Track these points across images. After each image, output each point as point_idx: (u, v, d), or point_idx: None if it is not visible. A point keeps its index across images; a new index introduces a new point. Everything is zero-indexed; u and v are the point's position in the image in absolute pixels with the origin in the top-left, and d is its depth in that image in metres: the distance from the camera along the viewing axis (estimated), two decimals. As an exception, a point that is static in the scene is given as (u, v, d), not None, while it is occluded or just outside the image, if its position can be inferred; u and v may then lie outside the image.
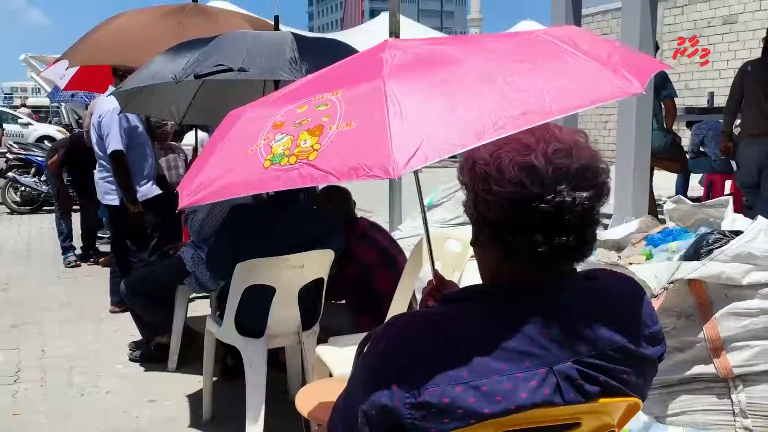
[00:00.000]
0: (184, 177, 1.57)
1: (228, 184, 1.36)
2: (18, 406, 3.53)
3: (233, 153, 1.42)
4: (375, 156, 1.19)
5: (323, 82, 1.49)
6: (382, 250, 3.60)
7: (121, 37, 4.05)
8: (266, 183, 1.29)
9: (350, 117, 1.28)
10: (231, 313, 3.01)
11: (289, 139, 1.31)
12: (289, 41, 2.97)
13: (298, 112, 1.37)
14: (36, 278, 6.19)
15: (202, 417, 3.38)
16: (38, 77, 22.36)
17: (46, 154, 6.77)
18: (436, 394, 1.21)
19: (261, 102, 1.60)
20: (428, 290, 1.72)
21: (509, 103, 1.22)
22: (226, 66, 2.74)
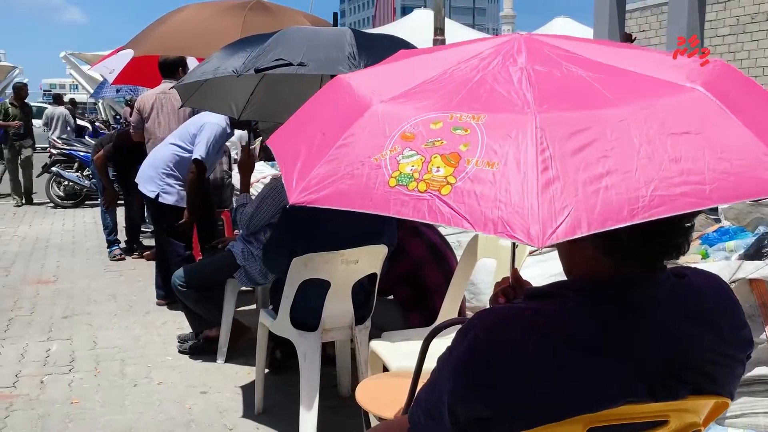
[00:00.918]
0: (290, 159, 1.43)
1: (346, 192, 1.24)
2: (75, 395, 3.61)
3: (357, 154, 1.28)
4: (519, 214, 1.06)
5: (461, 89, 1.33)
6: (432, 245, 3.60)
7: (186, 29, 4.11)
8: (390, 205, 1.16)
9: (493, 155, 1.14)
10: (286, 306, 3.04)
11: (420, 160, 1.17)
12: (348, 37, 2.99)
13: (431, 128, 1.23)
14: (83, 271, 6.32)
15: (253, 409, 3.42)
16: (76, 74, 22.83)
17: (92, 149, 6.89)
18: (524, 388, 1.21)
19: (392, 85, 1.43)
20: (501, 288, 1.72)
21: (667, 177, 1.08)
22: (286, 61, 2.76)
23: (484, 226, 1.08)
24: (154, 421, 3.33)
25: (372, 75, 1.57)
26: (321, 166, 1.28)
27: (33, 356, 4.17)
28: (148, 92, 5.44)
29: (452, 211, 1.10)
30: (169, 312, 5.06)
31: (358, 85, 1.46)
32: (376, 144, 1.25)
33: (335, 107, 1.46)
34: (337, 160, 1.28)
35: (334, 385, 3.63)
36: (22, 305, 5.21)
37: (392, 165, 1.19)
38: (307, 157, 1.35)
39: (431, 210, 1.11)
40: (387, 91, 1.38)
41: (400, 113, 1.30)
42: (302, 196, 1.27)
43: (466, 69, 1.38)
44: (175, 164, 4.68)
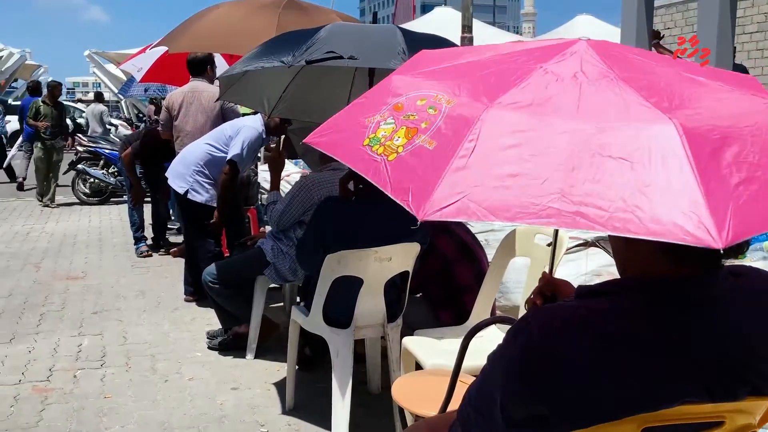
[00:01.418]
0: None
1: (336, 143, 1.42)
2: (107, 389, 3.65)
3: (358, 113, 1.44)
4: (421, 189, 1.17)
5: (463, 75, 1.43)
6: (462, 243, 3.59)
7: (221, 27, 4.14)
8: (354, 160, 1.33)
9: (437, 136, 1.26)
10: (319, 303, 3.05)
11: (392, 128, 1.32)
12: (398, 33, 3.00)
13: (417, 104, 1.35)
14: (110, 267, 6.39)
15: (284, 405, 3.44)
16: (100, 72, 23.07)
17: (120, 146, 6.96)
18: (581, 387, 1.20)
19: (429, 60, 1.58)
20: (539, 288, 1.71)
21: (573, 194, 1.10)
22: (337, 53, 2.77)
23: (396, 191, 1.22)
24: (187, 416, 3.35)
25: (443, 55, 1.68)
26: (334, 117, 1.49)
27: (65, 351, 4.22)
28: (176, 90, 5.48)
29: (387, 175, 1.24)
30: (198, 308, 5.10)
31: (419, 60, 1.63)
32: (375, 107, 1.41)
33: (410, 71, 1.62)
34: (345, 115, 1.48)
35: (364, 382, 3.63)
36: (53, 300, 5.28)
37: (374, 128, 1.35)
38: (343, 111, 1.56)
39: (376, 171, 1.26)
40: (421, 67, 1.55)
41: (410, 86, 1.44)
42: (311, 137, 1.48)
43: (498, 60, 1.48)
44: (207, 163, 4.71)
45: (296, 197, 3.85)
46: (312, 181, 3.84)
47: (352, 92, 4.24)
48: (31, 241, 7.58)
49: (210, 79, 5.42)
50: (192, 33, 4.23)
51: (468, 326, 3.09)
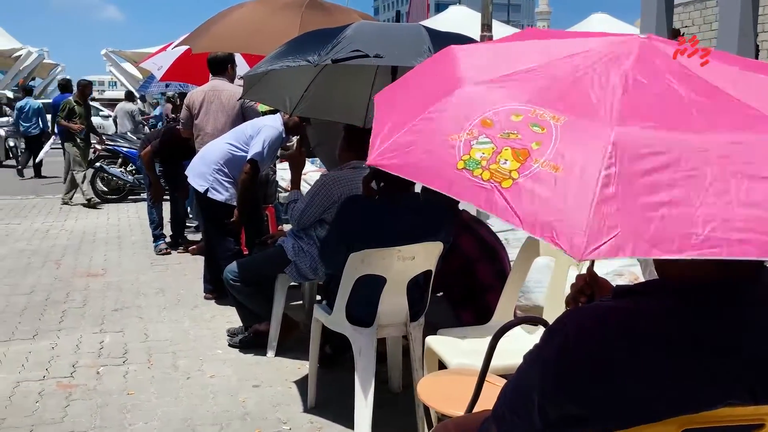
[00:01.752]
0: (382, 120, 1.44)
1: (420, 167, 1.27)
2: (130, 386, 3.68)
3: (437, 130, 1.29)
4: (567, 224, 1.06)
5: (554, 85, 1.32)
6: (484, 242, 3.59)
7: (244, 27, 4.16)
8: (451, 186, 1.19)
9: (560, 160, 1.14)
10: (342, 302, 3.05)
11: (491, 148, 1.19)
12: (423, 32, 3.00)
13: (511, 119, 1.23)
14: (130, 265, 6.43)
15: (306, 403, 3.45)
16: (116, 71, 23.21)
17: (140, 145, 7.00)
18: (620, 388, 1.20)
19: (492, 67, 1.43)
20: (578, 287, 1.69)
21: (731, 219, 1.04)
22: (363, 52, 2.78)
23: (531, 226, 1.09)
24: (210, 413, 3.37)
25: (481, 53, 1.60)
26: (402, 135, 1.33)
27: (88, 347, 4.25)
28: (197, 89, 5.51)
29: (507, 205, 1.12)
30: (217, 306, 5.13)
31: (462, 61, 1.50)
32: (456, 124, 1.28)
33: (434, 78, 1.50)
34: (417, 132, 1.32)
35: (385, 381, 3.63)
36: (75, 297, 5.32)
37: (465, 148, 1.22)
38: (395, 122, 1.39)
39: (488, 200, 1.14)
40: (485, 72, 1.41)
41: (487, 98, 1.32)
42: (378, 158, 1.32)
43: (568, 65, 1.37)
44: (227, 162, 4.73)
45: (317, 195, 3.86)
46: (332, 180, 3.85)
47: (374, 91, 4.24)
48: (51, 238, 7.64)
49: (230, 78, 5.45)
50: (215, 33, 4.25)
51: (491, 326, 3.09)
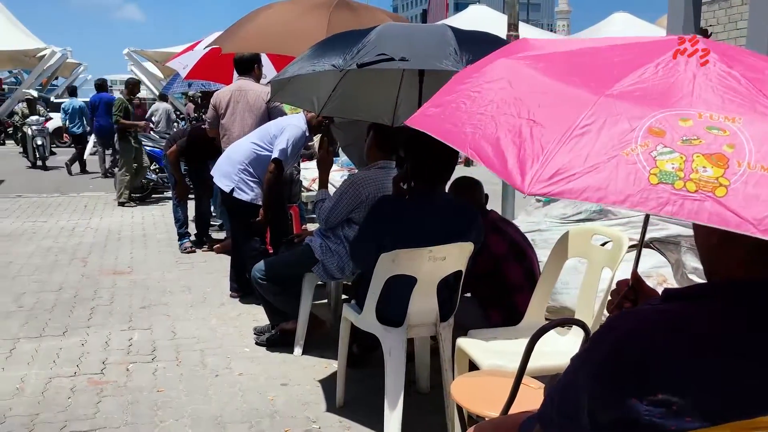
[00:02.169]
0: (482, 141, 1.35)
1: (597, 186, 1.17)
2: (159, 383, 3.71)
3: (601, 146, 1.21)
4: None
5: (677, 92, 1.28)
6: (513, 242, 3.58)
7: (274, 28, 4.18)
8: (650, 202, 1.12)
9: (765, 160, 1.11)
10: (372, 301, 3.06)
11: (680, 158, 1.13)
12: (449, 33, 2.99)
13: (682, 125, 1.18)
14: (156, 263, 6.49)
15: (335, 402, 3.46)
16: (137, 70, 23.44)
17: (166, 144, 7.06)
18: (671, 392, 1.19)
19: (599, 77, 1.36)
20: (622, 293, 1.68)
21: None
22: (388, 56, 2.77)
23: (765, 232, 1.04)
24: (239, 411, 3.39)
25: (557, 62, 1.50)
26: (557, 156, 1.22)
27: (117, 344, 4.30)
28: (224, 89, 5.54)
29: (732, 215, 1.06)
30: (243, 304, 5.16)
31: (554, 71, 1.42)
32: (621, 137, 1.21)
33: (532, 92, 1.40)
34: (577, 151, 1.22)
35: (413, 381, 3.64)
36: (102, 295, 5.38)
37: (648, 161, 1.15)
38: (519, 143, 1.29)
39: (709, 213, 1.07)
40: (600, 81, 1.34)
41: (635, 107, 1.26)
42: (541, 187, 1.21)
43: (663, 71, 1.34)
44: (252, 162, 4.75)
45: (345, 195, 3.87)
46: (361, 179, 3.86)
47: (401, 90, 4.24)
48: (76, 236, 7.73)
49: (256, 78, 5.48)
50: (245, 33, 4.28)
51: (522, 328, 3.09)
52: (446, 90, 1.58)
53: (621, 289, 1.69)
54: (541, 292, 3.12)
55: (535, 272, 3.63)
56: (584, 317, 2.84)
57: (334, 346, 4.15)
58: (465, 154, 1.40)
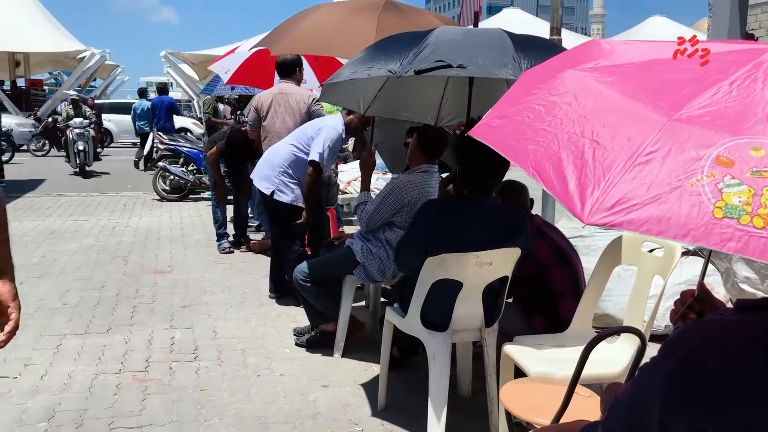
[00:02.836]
0: (544, 162, 1.31)
1: (658, 218, 1.13)
2: (202, 382, 3.75)
3: (665, 176, 1.16)
4: None
5: (752, 115, 1.22)
6: (557, 248, 3.55)
7: (322, 30, 4.22)
8: (713, 237, 1.09)
9: None
10: (417, 305, 3.05)
11: (748, 191, 1.08)
12: (506, 39, 2.97)
13: (751, 155, 1.13)
14: (195, 262, 6.57)
15: (376, 405, 3.47)
16: (173, 72, 23.80)
17: (206, 146, 7.15)
18: (749, 406, 1.16)
19: (669, 98, 1.29)
20: (687, 303, 1.65)
21: None
22: (446, 62, 2.77)
23: None
24: (282, 412, 3.42)
25: (626, 76, 1.45)
26: (619, 184, 1.18)
27: (159, 343, 4.36)
28: (265, 91, 5.60)
29: None
30: (281, 305, 5.20)
31: (622, 87, 1.37)
32: (686, 166, 1.16)
33: (598, 110, 1.35)
34: (640, 180, 1.17)
35: (454, 386, 3.62)
36: (144, 293, 5.47)
37: (714, 193, 1.11)
38: (581, 166, 1.25)
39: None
40: (670, 103, 1.28)
41: (704, 133, 1.20)
42: (601, 216, 1.17)
43: (737, 91, 1.27)
44: (291, 164, 4.79)
45: (387, 199, 3.88)
46: (404, 183, 3.86)
47: (446, 90, 4.24)
48: (117, 235, 7.86)
49: (298, 81, 5.52)
50: (293, 35, 4.32)
51: (569, 335, 3.06)
52: (511, 99, 1.56)
53: (686, 299, 1.66)
54: (589, 299, 3.09)
55: (580, 278, 3.59)
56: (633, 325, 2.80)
57: (373, 349, 4.17)
58: (527, 173, 1.37)
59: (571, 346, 2.94)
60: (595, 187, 1.20)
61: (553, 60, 1.63)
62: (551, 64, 1.61)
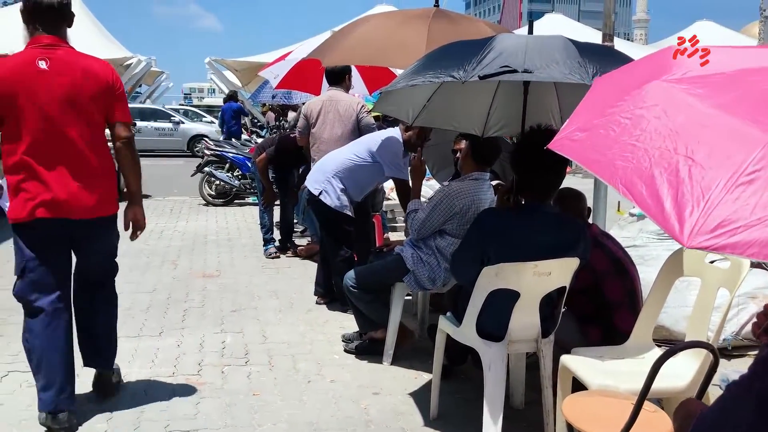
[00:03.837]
0: (636, 180, 1.25)
1: (766, 243, 1.08)
2: (254, 387, 3.79)
3: (765, 196, 1.12)
4: None
5: None
6: (615, 258, 3.49)
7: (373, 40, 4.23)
8: None
9: None
10: (473, 314, 3.03)
11: None
12: (570, 45, 2.94)
13: None
14: (242, 267, 6.64)
15: (428, 414, 3.45)
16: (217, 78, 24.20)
17: (255, 152, 7.24)
18: None
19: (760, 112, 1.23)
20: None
21: None
22: (511, 68, 2.75)
23: None
24: (334, 418, 3.42)
25: (720, 86, 1.38)
26: (721, 205, 1.13)
27: (211, 347, 4.41)
28: (314, 99, 5.65)
29: None
30: (329, 311, 5.22)
31: (716, 98, 1.32)
32: None
33: (690, 124, 1.30)
34: (743, 201, 1.13)
35: (506, 396, 3.58)
36: (194, 297, 5.54)
37: None
38: (676, 185, 1.20)
39: None
40: None
41: None
42: (703, 240, 1.13)
43: None
44: (344, 171, 4.80)
45: (439, 206, 3.87)
46: (455, 191, 3.85)
47: (495, 100, 4.21)
48: (165, 238, 8.00)
49: (347, 88, 5.55)
50: (344, 46, 4.34)
51: (628, 347, 3.01)
52: (591, 111, 1.53)
53: (765, 313, 1.62)
54: (649, 311, 3.02)
55: (637, 289, 3.53)
56: (698, 339, 2.74)
57: (421, 357, 4.16)
58: (616, 190, 1.33)
59: (632, 359, 2.89)
60: (694, 207, 1.16)
61: (631, 68, 1.59)
62: (630, 73, 1.57)
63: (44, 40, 3.12)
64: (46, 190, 3.08)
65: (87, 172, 3.17)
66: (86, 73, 3.15)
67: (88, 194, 3.17)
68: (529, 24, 3.77)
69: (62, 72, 3.09)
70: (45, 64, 3.07)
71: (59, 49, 3.13)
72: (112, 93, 3.24)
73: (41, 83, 3.05)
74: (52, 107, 3.07)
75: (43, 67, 3.06)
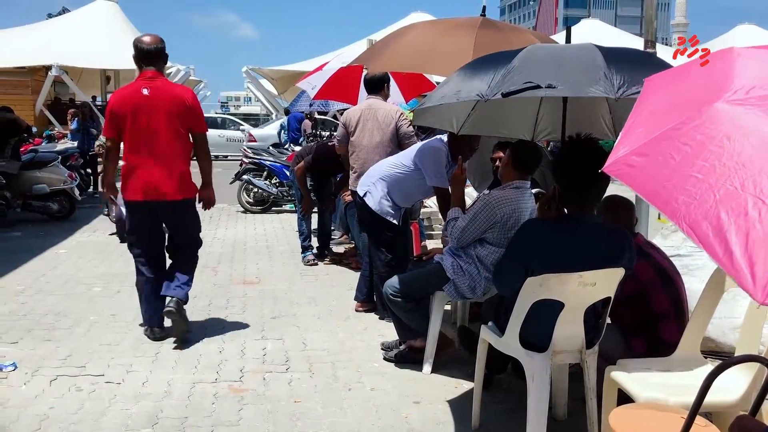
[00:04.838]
0: (740, 229, 1.15)
1: None
2: (295, 394, 3.81)
3: None
4: None
5: None
6: (660, 269, 3.44)
7: (419, 48, 4.26)
8: None
9: None
10: (516, 325, 3.01)
11: None
12: (598, 53, 2.92)
13: None
14: (281, 274, 6.70)
15: (469, 424, 3.43)
16: (253, 87, 24.52)
17: (293, 160, 7.31)
18: None
19: None
20: None
21: None
22: (534, 83, 2.74)
23: None
24: (375, 427, 3.43)
25: None
26: None
27: (252, 353, 4.46)
28: (353, 108, 5.68)
29: None
30: (367, 318, 5.24)
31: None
32: None
33: (760, 154, 1.21)
34: None
35: (549, 407, 3.54)
36: (234, 304, 5.61)
37: None
38: (746, 230, 1.13)
39: None
40: None
41: None
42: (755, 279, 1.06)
43: None
44: (388, 177, 4.82)
45: (479, 215, 3.86)
46: (496, 200, 3.83)
47: (542, 106, 4.19)
48: (205, 246, 8.00)
49: (385, 97, 5.58)
50: (391, 53, 4.37)
51: (675, 359, 2.96)
52: (646, 124, 1.47)
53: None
54: (697, 323, 2.97)
55: (683, 300, 3.47)
56: (749, 351, 2.68)
57: (461, 365, 4.15)
58: (680, 229, 1.26)
59: (680, 371, 2.84)
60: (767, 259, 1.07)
61: (683, 74, 1.54)
62: (684, 83, 1.52)
63: (147, 74, 4.45)
64: (148, 180, 4.45)
65: (175, 168, 4.51)
66: (174, 98, 4.46)
67: (176, 183, 4.52)
68: (567, 30, 3.76)
69: (158, 97, 4.40)
70: (147, 91, 4.39)
71: (157, 80, 4.46)
72: (193, 111, 4.54)
73: (145, 105, 4.38)
74: (152, 122, 4.38)
75: (146, 93, 4.39)
